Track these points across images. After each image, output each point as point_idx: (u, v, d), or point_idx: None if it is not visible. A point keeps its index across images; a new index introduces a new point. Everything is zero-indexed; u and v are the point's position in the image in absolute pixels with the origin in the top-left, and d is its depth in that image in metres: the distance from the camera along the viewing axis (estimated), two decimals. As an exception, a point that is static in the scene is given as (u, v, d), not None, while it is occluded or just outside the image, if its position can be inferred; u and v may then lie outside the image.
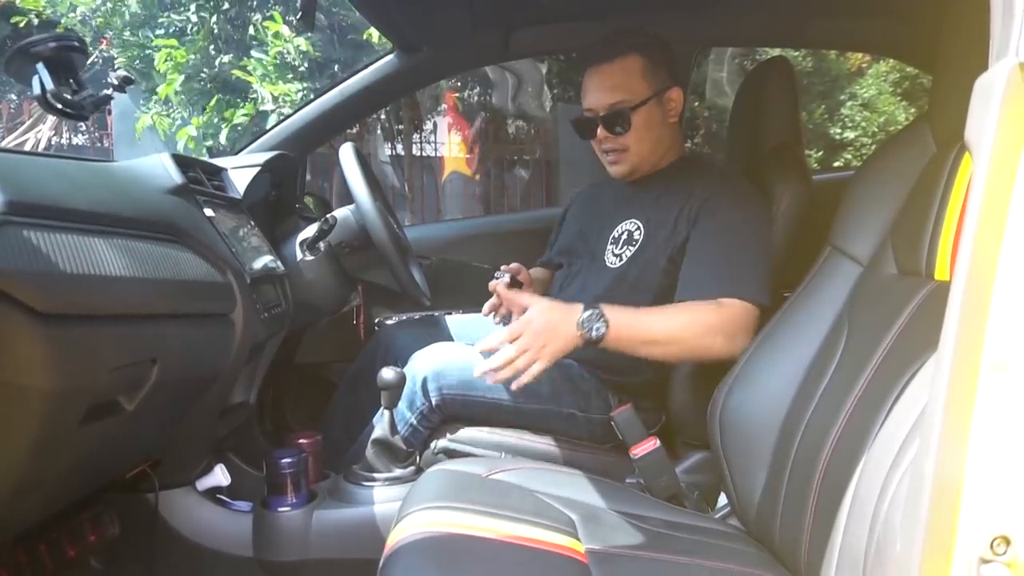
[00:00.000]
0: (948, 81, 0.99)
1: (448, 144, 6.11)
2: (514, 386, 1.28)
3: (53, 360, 0.72)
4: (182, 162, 1.22)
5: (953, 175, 0.93)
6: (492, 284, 1.50)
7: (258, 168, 1.49)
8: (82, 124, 6.17)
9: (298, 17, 1.28)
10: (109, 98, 1.21)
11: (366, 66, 1.84)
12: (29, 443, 0.75)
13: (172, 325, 0.96)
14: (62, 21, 4.67)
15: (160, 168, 1.15)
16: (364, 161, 1.54)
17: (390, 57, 1.80)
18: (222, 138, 4.29)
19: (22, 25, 4.91)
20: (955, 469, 0.52)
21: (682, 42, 1.86)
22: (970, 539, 0.52)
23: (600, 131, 1.50)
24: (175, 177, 1.15)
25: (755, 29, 1.88)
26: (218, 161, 1.49)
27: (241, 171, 1.47)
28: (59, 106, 1.12)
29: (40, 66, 1.11)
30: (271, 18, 4.10)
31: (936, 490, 0.53)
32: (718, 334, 1.30)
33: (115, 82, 1.24)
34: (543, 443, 1.43)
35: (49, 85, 1.10)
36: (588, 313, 1.27)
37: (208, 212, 1.19)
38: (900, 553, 0.56)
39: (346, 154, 1.50)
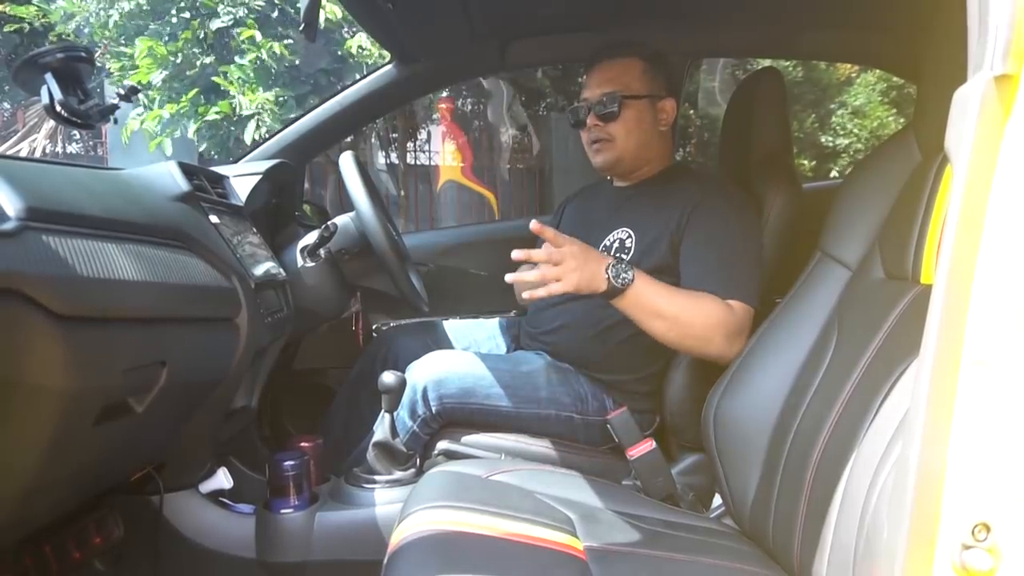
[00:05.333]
0: (931, 92, 1.02)
1: (442, 153, 6.15)
2: (527, 295, 1.26)
3: (70, 361, 0.74)
4: (187, 170, 1.25)
5: (937, 182, 0.97)
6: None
7: (259, 176, 1.52)
8: (76, 132, 6.17)
9: (301, 28, 1.31)
10: (115, 107, 1.23)
11: (364, 76, 1.88)
12: (45, 443, 0.77)
13: (180, 329, 0.99)
14: (56, 28, 4.69)
15: (167, 176, 1.18)
16: (363, 169, 1.57)
17: (388, 67, 1.83)
18: (190, 132, 4.32)
19: (14, 31, 4.93)
20: (938, 459, 0.55)
21: (676, 52, 1.90)
22: (952, 526, 0.55)
23: (590, 118, 1.54)
24: (182, 184, 1.17)
25: (747, 40, 1.92)
26: (220, 169, 1.52)
27: (243, 179, 1.50)
28: (67, 115, 1.15)
29: (48, 76, 1.13)
30: (244, 25, 4.15)
31: (920, 479, 0.55)
32: (721, 331, 1.31)
33: (121, 92, 1.27)
34: (541, 445, 1.45)
35: (57, 95, 1.13)
36: (619, 264, 1.28)
37: (213, 219, 1.21)
38: (887, 541, 0.59)
39: (346, 162, 1.52)
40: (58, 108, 1.13)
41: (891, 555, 0.58)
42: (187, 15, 4.31)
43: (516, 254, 1.23)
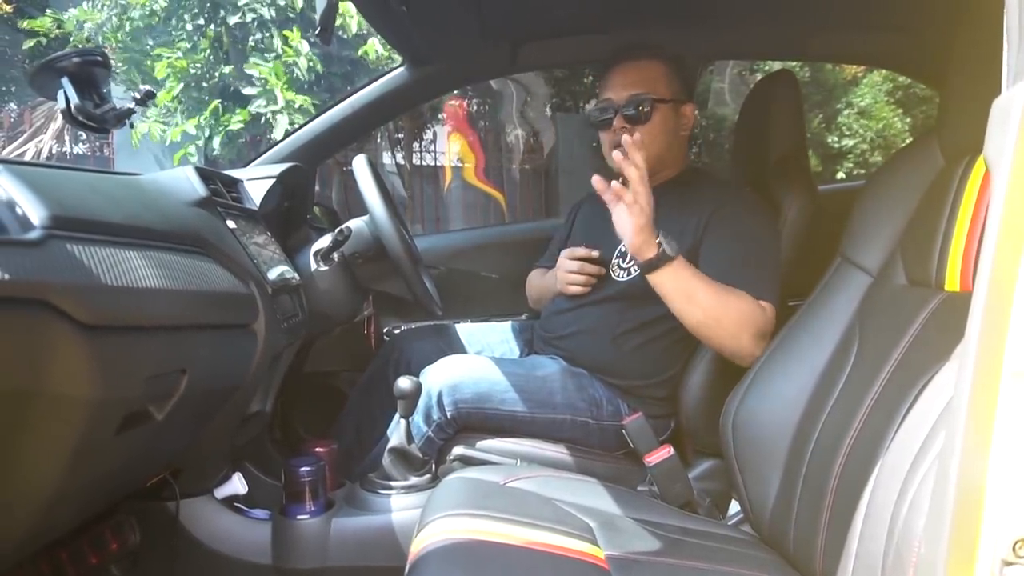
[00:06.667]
0: (957, 97, 1.01)
1: (448, 153, 6.14)
2: (609, 195, 1.30)
3: (94, 370, 0.74)
4: (203, 174, 1.24)
5: (962, 189, 0.96)
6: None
7: (273, 180, 1.51)
8: (83, 133, 6.18)
9: (316, 32, 1.31)
10: (131, 111, 1.23)
11: (376, 79, 1.87)
12: (68, 452, 0.77)
13: (200, 336, 0.98)
14: (71, 40, 4.72)
15: (185, 181, 1.17)
16: (377, 173, 1.56)
17: (400, 70, 1.83)
18: (215, 143, 4.37)
19: (31, 47, 4.97)
20: (978, 472, 0.54)
21: (690, 55, 1.89)
22: (993, 541, 0.54)
23: (617, 120, 1.51)
24: (199, 190, 1.17)
25: (760, 42, 1.91)
26: (234, 173, 1.52)
27: (256, 182, 1.49)
28: (83, 120, 1.14)
29: (65, 80, 1.13)
30: (267, 23, 4.16)
31: (960, 493, 0.54)
32: (751, 329, 1.31)
33: (138, 96, 1.26)
34: (556, 451, 1.44)
35: (74, 99, 1.13)
36: (668, 236, 1.30)
37: (230, 224, 1.21)
38: (924, 555, 0.58)
39: (360, 166, 1.52)
40: (74, 112, 1.13)
41: (928, 569, 0.57)
42: (200, 21, 4.34)
43: (596, 180, 1.29)
